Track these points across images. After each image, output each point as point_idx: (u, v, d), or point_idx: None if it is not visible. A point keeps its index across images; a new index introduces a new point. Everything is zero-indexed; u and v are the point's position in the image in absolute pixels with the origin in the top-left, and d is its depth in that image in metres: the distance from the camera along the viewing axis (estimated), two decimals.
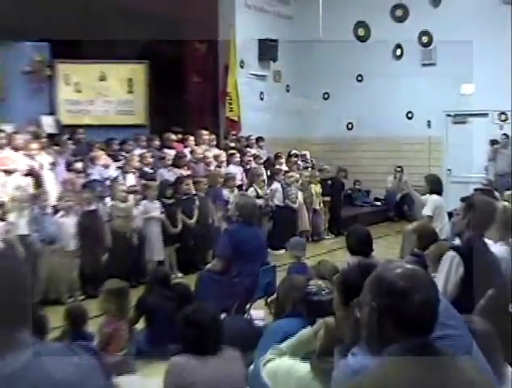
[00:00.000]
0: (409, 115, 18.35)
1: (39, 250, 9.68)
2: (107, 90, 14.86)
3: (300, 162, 15.75)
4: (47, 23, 13.44)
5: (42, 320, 5.85)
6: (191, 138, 14.27)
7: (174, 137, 14.02)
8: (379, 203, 18.45)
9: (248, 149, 15.42)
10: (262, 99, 18.01)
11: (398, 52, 18.43)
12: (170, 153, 13.11)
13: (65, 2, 14.22)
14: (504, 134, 16.96)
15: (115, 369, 5.37)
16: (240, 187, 13.29)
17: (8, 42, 13.57)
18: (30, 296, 2.14)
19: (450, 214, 9.35)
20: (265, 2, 17.91)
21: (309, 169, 15.66)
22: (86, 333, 6.44)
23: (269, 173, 14.53)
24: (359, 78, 18.92)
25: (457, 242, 6.09)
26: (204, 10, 16.32)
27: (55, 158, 11.48)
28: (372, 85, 18.40)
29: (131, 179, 11.79)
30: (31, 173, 10.70)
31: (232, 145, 15.32)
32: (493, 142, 16.82)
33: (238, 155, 14.43)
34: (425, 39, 17.96)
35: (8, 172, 10.41)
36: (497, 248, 5.70)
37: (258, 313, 8.17)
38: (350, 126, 19.14)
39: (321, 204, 15.07)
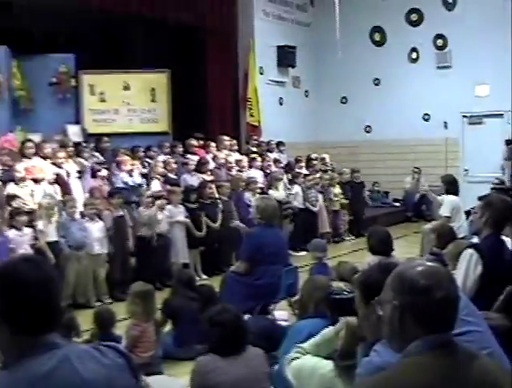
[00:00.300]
0: (426, 117, 18.40)
1: (68, 255, 9.84)
2: (130, 99, 15.05)
3: (319, 166, 15.86)
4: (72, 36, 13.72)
5: (73, 322, 6.04)
6: (213, 144, 14.39)
7: (196, 143, 14.14)
8: (397, 204, 18.45)
9: (269, 153, 15.56)
10: (281, 104, 18.16)
11: (414, 55, 18.51)
12: (193, 159, 13.22)
13: (88, 14, 14.46)
14: None
15: (142, 371, 5.48)
16: (261, 190, 13.41)
17: (34, 54, 13.83)
18: (60, 299, 2.26)
19: (467, 213, 9.48)
20: (283, 10, 18.07)
21: (329, 172, 15.74)
22: (114, 335, 6.51)
23: (289, 177, 14.66)
24: (376, 82, 18.99)
25: (475, 240, 6.15)
26: (224, 19, 16.50)
27: (81, 166, 11.68)
28: (389, 88, 18.48)
29: (156, 185, 11.96)
30: (58, 181, 10.87)
31: (254, 149, 15.45)
32: (508, 142, 16.80)
33: (259, 159, 14.58)
34: (440, 42, 18.05)
35: (36, 181, 10.55)
36: None
37: (282, 313, 8.20)
38: (368, 129, 19.20)
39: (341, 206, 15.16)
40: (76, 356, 2.13)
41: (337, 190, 15.06)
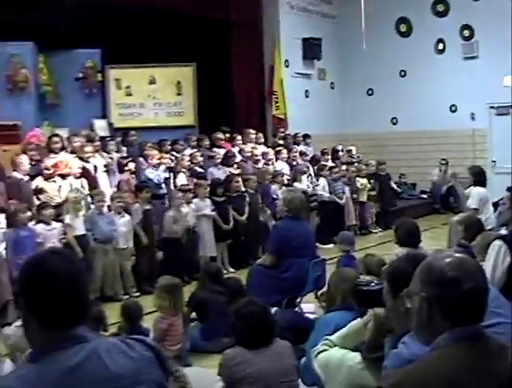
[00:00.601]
0: (453, 108, 18.23)
1: (95, 249, 9.91)
2: (156, 93, 15.14)
3: (345, 158, 15.83)
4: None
5: (101, 316, 6.07)
6: (239, 137, 14.41)
7: (222, 136, 14.16)
8: (425, 195, 18.36)
9: (295, 146, 15.55)
10: (307, 96, 18.12)
11: (440, 46, 18.35)
12: (219, 153, 13.26)
13: (113, 9, 14.52)
14: None
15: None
16: (286, 183, 13.41)
17: (60, 50, 13.92)
18: (88, 292, 2.27)
19: (495, 204, 9.39)
20: (308, 2, 18.03)
21: (355, 164, 15.70)
22: (142, 328, 6.52)
23: (315, 169, 14.65)
24: (402, 74, 18.86)
25: (503, 231, 6.12)
26: (249, 11, 16.50)
27: (108, 163, 11.75)
28: (415, 79, 18.33)
29: (182, 179, 12.00)
30: (85, 175, 10.94)
31: (280, 142, 15.44)
32: None
33: (285, 152, 14.57)
34: (466, 32, 17.87)
35: (63, 176, 10.61)
36: None
37: (309, 306, 8.22)
38: (394, 121, 19.10)
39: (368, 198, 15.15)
40: (104, 350, 2.14)
41: (363, 182, 15.01)
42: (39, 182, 10.34)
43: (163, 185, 11.70)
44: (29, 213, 9.29)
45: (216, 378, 4.21)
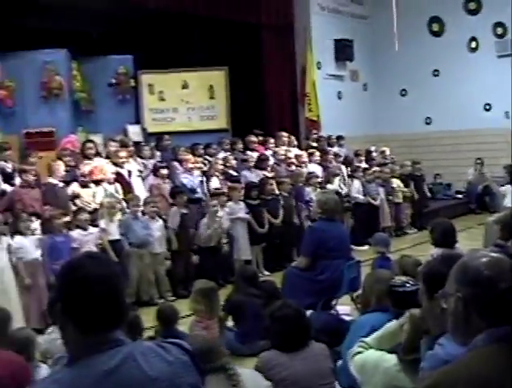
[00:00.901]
0: (487, 107, 18.09)
1: (130, 253, 9.99)
2: (189, 98, 15.22)
3: (379, 159, 15.76)
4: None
5: (136, 320, 6.09)
6: (272, 140, 14.40)
7: (255, 139, 14.17)
8: (460, 196, 18.22)
9: (329, 148, 15.51)
10: (339, 98, 18.09)
11: (473, 44, 18.22)
12: (253, 156, 13.25)
13: (145, 14, 14.62)
14: None
15: None
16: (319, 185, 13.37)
17: (93, 56, 14.05)
18: (124, 296, 2.25)
19: None
20: (339, 3, 17.98)
21: (389, 165, 15.62)
22: (178, 332, 6.50)
23: (349, 171, 14.60)
24: (436, 73, 18.74)
25: None
26: (280, 14, 16.51)
27: (142, 166, 11.82)
28: (449, 79, 18.21)
29: (215, 182, 12.01)
30: (119, 180, 11.02)
31: (314, 144, 15.41)
32: None
33: (318, 154, 14.54)
34: (499, 30, 17.71)
35: (97, 182, 10.69)
36: None
37: (345, 308, 8.19)
38: (428, 121, 18.98)
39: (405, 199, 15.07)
40: (140, 353, 2.14)
41: (398, 183, 14.93)
42: (74, 187, 10.43)
43: (198, 189, 11.72)
44: (65, 219, 9.38)
45: (267, 383, 4.21)
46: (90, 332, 2.11)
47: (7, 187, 9.99)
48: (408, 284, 4.02)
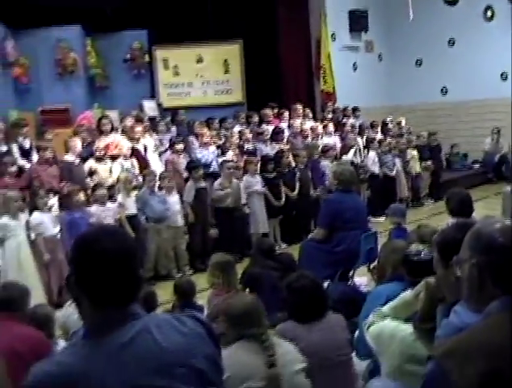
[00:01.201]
0: (504, 75, 17.91)
1: (147, 228, 10.04)
2: (204, 72, 15.20)
3: (395, 130, 15.68)
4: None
5: (151, 296, 6.14)
6: (287, 113, 14.35)
7: (270, 112, 14.10)
8: (477, 165, 18.12)
9: (345, 119, 15.45)
10: (355, 69, 17.97)
11: (489, 13, 17.99)
12: (268, 129, 13.22)
13: None
14: None
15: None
16: (334, 157, 13.35)
17: (107, 32, 14.03)
18: (139, 271, 2.26)
19: None
20: None
21: (405, 135, 15.55)
22: (196, 305, 6.55)
23: (364, 142, 14.55)
24: (451, 43, 18.56)
25: None
26: None
27: (158, 141, 11.84)
28: (464, 48, 18.02)
29: (231, 156, 11.98)
30: (135, 155, 11.06)
31: (330, 116, 15.35)
32: None
33: (332, 125, 14.48)
34: None
35: (113, 157, 10.74)
36: None
37: (362, 279, 8.19)
38: (444, 91, 18.83)
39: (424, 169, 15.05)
40: (155, 326, 2.16)
41: (414, 153, 14.87)
42: (91, 163, 10.48)
43: (214, 163, 11.72)
44: (82, 195, 9.43)
45: (301, 357, 4.21)
46: (105, 306, 2.12)
47: (25, 163, 10.06)
48: (423, 253, 4.01)
